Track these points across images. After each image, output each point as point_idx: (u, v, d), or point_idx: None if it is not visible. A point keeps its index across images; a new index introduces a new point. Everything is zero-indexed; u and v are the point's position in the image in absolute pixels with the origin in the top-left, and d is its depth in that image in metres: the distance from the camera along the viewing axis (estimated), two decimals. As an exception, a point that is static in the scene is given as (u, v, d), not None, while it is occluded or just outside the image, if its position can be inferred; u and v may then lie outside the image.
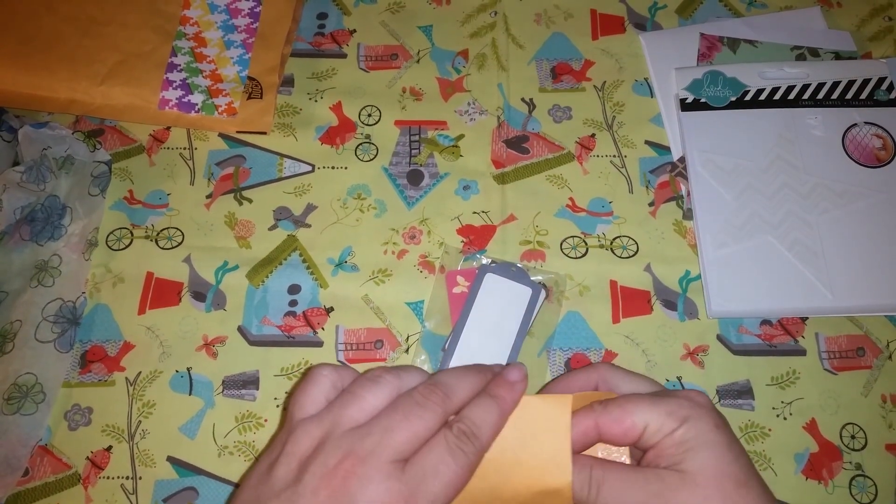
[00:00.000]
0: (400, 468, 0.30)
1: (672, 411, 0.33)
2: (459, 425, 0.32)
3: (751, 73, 0.57)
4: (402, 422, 0.31)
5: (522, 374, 0.34)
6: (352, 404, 0.32)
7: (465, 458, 0.31)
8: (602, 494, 0.32)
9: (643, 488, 0.32)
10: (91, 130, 0.58)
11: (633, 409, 0.33)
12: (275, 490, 0.30)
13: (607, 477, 0.32)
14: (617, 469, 0.33)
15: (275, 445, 0.32)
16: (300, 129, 0.58)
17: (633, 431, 0.33)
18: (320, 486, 0.29)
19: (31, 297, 0.49)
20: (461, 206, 0.55)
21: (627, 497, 0.32)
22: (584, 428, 0.34)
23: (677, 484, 0.31)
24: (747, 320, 0.51)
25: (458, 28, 0.62)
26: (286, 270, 0.53)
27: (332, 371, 0.34)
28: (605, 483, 0.32)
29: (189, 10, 0.59)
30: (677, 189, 0.55)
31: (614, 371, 0.36)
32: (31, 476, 0.47)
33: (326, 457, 0.30)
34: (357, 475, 0.29)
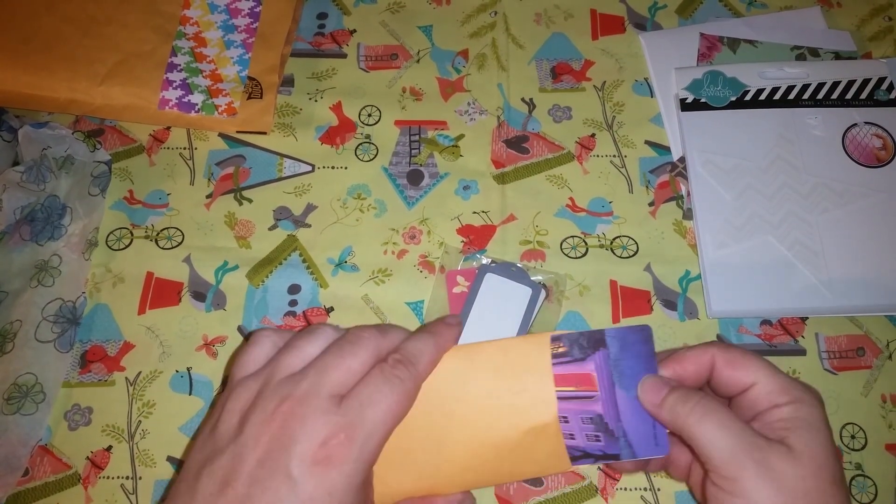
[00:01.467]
0: (337, 402, 0.30)
1: (787, 387, 0.33)
2: (394, 355, 0.33)
3: (751, 73, 0.57)
4: (335, 360, 0.32)
5: (457, 321, 0.36)
6: (289, 355, 0.33)
7: (401, 384, 0.31)
8: (709, 419, 0.31)
9: (749, 436, 0.31)
10: (91, 130, 0.58)
11: (750, 362, 0.33)
12: (219, 446, 0.31)
13: (715, 408, 0.32)
14: (727, 409, 0.32)
15: (216, 407, 0.33)
16: (300, 129, 0.58)
17: (742, 381, 0.33)
18: (261, 433, 0.30)
19: (31, 297, 0.49)
20: (461, 205, 0.55)
21: (728, 436, 0.31)
22: (699, 360, 0.34)
23: (782, 452, 0.31)
24: (747, 320, 0.51)
25: (458, 28, 0.62)
26: (286, 270, 0.53)
27: (273, 333, 0.35)
28: (712, 413, 0.31)
29: (189, 10, 0.59)
30: (677, 189, 0.55)
31: (731, 347, 0.35)
32: (31, 476, 0.47)
33: (265, 403, 0.31)
34: (295, 415, 0.30)
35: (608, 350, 0.34)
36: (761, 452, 0.30)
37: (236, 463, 0.30)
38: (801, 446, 0.31)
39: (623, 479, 0.46)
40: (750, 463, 0.30)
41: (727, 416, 0.32)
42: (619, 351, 0.34)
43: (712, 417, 0.31)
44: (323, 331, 0.34)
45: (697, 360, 0.34)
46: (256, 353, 0.34)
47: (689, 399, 0.32)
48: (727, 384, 0.34)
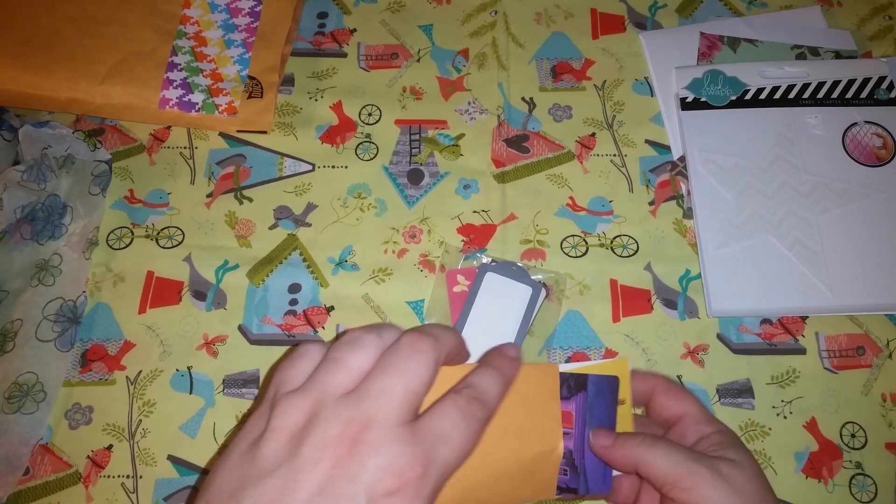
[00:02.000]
0: (411, 430, 0.28)
1: (711, 418, 0.38)
2: (469, 391, 0.30)
3: (751, 72, 0.57)
4: (397, 380, 0.29)
5: (518, 353, 0.34)
6: (337, 371, 0.30)
7: (476, 423, 0.30)
8: (654, 448, 0.34)
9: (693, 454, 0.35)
10: (91, 130, 0.58)
11: (684, 395, 0.39)
12: (265, 467, 0.28)
13: (658, 438, 0.35)
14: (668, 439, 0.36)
15: (254, 423, 0.29)
16: (300, 129, 0.58)
17: (676, 408, 0.38)
18: (322, 457, 0.27)
19: (32, 297, 0.49)
20: (461, 205, 0.55)
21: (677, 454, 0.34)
22: (644, 383, 0.39)
23: (724, 462, 0.34)
24: (747, 319, 0.51)
25: (459, 27, 0.62)
26: (286, 269, 0.53)
27: (321, 346, 0.32)
28: (658, 441, 0.35)
29: (189, 10, 0.59)
30: (677, 188, 0.55)
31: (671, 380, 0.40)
32: (32, 475, 0.47)
33: (325, 427, 0.28)
34: (366, 442, 0.27)
35: (587, 393, 0.36)
36: (710, 462, 0.34)
37: (290, 488, 0.27)
38: (739, 458, 0.35)
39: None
40: (703, 469, 0.33)
41: (670, 442, 0.35)
42: (594, 395, 0.36)
43: (659, 444, 0.35)
44: (367, 341, 0.31)
45: (643, 382, 0.39)
46: (304, 366, 0.31)
47: (635, 436, 0.35)
48: (662, 409, 0.39)
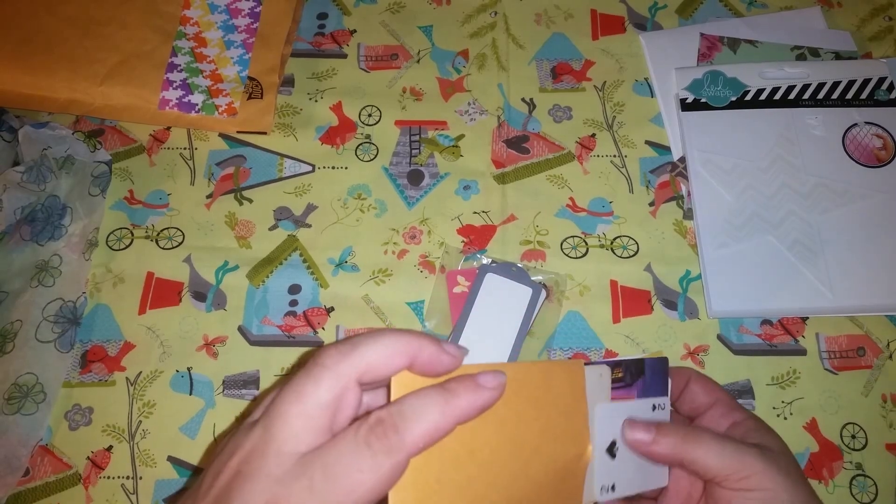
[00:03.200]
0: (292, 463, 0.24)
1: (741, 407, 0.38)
2: (380, 413, 0.25)
3: (751, 72, 0.57)
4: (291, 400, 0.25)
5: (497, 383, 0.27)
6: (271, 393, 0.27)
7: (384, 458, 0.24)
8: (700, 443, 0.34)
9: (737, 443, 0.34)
10: (91, 130, 0.58)
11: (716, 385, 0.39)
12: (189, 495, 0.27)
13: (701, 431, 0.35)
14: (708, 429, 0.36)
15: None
16: (300, 129, 0.58)
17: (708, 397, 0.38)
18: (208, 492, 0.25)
19: (32, 297, 0.49)
20: (461, 206, 0.55)
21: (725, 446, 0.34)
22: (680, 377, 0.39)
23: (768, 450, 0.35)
24: (748, 320, 0.51)
25: (459, 28, 0.62)
26: (286, 270, 0.53)
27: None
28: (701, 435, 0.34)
29: (189, 10, 0.59)
30: (677, 189, 0.55)
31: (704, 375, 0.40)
32: (32, 476, 0.47)
33: (222, 456, 0.26)
34: (243, 473, 0.25)
35: (645, 377, 0.36)
36: (756, 449, 0.34)
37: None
38: (776, 445, 0.35)
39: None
40: (753, 458, 0.33)
41: (712, 433, 0.35)
42: (650, 378, 0.36)
43: (704, 438, 0.34)
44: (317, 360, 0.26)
45: (677, 374, 0.39)
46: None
47: (677, 429, 0.35)
48: (694, 397, 0.39)
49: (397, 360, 0.26)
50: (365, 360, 0.25)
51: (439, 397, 0.25)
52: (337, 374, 0.25)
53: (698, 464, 0.34)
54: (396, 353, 0.26)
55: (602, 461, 0.34)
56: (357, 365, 0.25)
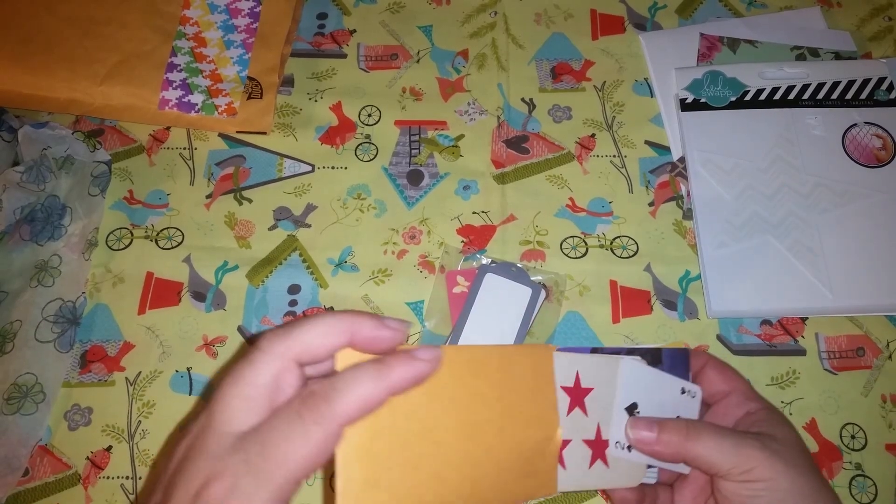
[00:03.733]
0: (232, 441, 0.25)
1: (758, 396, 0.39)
2: (313, 386, 0.26)
3: (751, 73, 0.57)
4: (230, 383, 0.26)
5: (433, 355, 0.28)
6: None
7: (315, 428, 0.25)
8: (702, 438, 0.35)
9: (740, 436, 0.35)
10: (91, 130, 0.58)
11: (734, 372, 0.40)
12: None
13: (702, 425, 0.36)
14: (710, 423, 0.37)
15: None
16: (300, 129, 0.58)
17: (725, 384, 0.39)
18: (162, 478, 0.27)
19: (31, 297, 0.49)
20: (461, 206, 0.55)
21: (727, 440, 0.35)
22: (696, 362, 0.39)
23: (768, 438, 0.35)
24: (747, 320, 0.51)
25: (458, 28, 0.62)
26: (286, 270, 0.53)
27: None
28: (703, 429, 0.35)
29: (189, 10, 0.59)
30: (677, 189, 0.55)
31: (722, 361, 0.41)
32: (31, 476, 0.47)
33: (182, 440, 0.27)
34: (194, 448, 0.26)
35: (662, 366, 0.38)
36: (760, 441, 0.35)
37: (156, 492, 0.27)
38: (785, 435, 0.36)
39: None
40: (754, 450, 0.34)
41: (715, 427, 0.36)
42: (669, 369, 0.38)
43: (706, 432, 0.35)
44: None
45: (695, 358, 0.40)
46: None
47: (678, 426, 0.36)
48: (712, 384, 0.39)
49: (334, 338, 0.27)
50: (300, 340, 0.26)
51: (372, 369, 0.26)
52: (273, 355, 0.26)
53: (700, 460, 0.35)
54: (333, 332, 0.27)
55: (619, 418, 0.36)
56: (292, 346, 0.26)
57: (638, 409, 0.37)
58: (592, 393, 0.35)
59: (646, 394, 0.37)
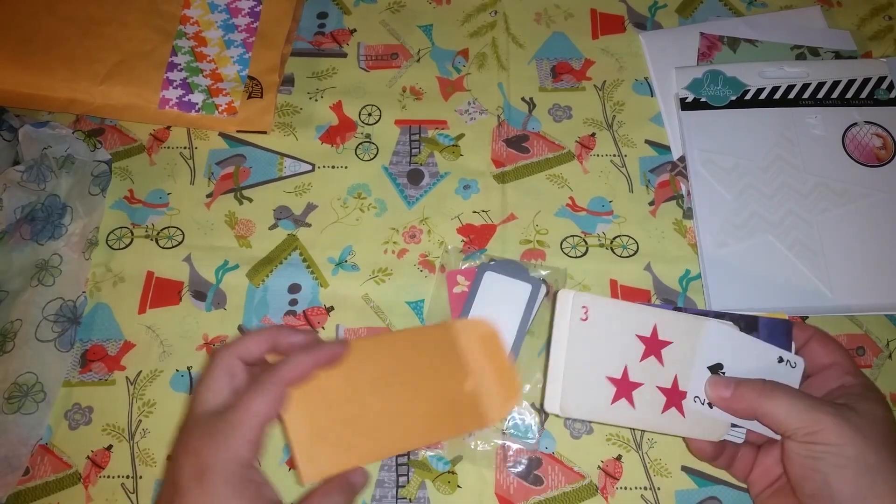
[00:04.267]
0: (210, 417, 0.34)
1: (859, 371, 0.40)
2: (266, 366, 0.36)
3: (751, 72, 0.57)
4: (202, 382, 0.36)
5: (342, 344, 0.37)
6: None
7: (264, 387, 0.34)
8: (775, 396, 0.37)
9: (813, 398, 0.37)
10: (91, 130, 0.58)
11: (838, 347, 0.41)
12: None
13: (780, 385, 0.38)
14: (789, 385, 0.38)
15: None
16: (300, 129, 0.58)
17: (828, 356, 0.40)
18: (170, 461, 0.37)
19: (32, 297, 0.49)
20: (461, 205, 0.55)
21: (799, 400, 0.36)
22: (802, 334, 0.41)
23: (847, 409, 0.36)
24: (747, 319, 0.51)
25: (459, 27, 0.62)
26: (286, 269, 0.53)
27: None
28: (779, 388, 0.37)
29: (189, 10, 0.59)
30: (677, 188, 0.55)
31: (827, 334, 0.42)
32: (32, 475, 0.47)
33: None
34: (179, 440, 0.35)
35: (759, 334, 0.41)
36: (833, 407, 0.36)
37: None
38: (869, 409, 0.36)
39: (623, 479, 0.46)
40: (825, 415, 0.35)
41: (792, 390, 0.37)
42: (766, 338, 0.41)
43: (780, 391, 0.37)
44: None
45: (801, 330, 0.42)
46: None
47: (755, 384, 0.38)
48: (815, 356, 0.41)
49: (262, 343, 0.37)
50: (240, 346, 0.36)
51: (302, 351, 0.36)
52: (222, 357, 0.36)
53: (769, 417, 0.37)
54: (261, 338, 0.37)
55: (700, 374, 0.40)
56: (234, 350, 0.36)
57: (723, 369, 0.39)
58: (671, 346, 0.40)
59: (734, 357, 0.40)
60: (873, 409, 0.37)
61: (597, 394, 0.39)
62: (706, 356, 0.40)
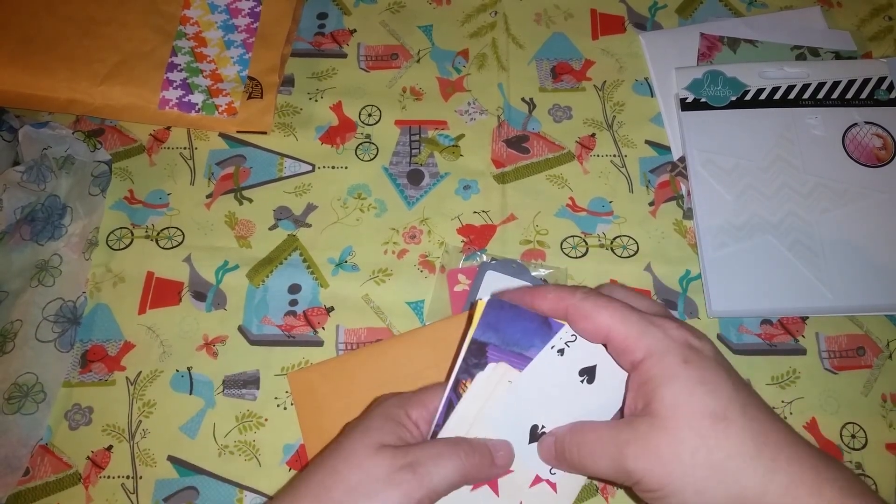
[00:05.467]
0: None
1: (639, 336, 0.32)
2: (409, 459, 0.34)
3: (751, 72, 0.57)
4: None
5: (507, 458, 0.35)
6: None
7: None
8: (583, 454, 0.33)
9: (614, 439, 0.32)
10: (91, 130, 0.58)
11: (599, 313, 0.33)
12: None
13: (584, 439, 0.33)
14: (591, 428, 0.34)
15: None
16: (300, 129, 0.58)
17: (596, 335, 0.34)
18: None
19: (32, 297, 0.49)
20: (461, 205, 0.55)
21: (603, 452, 0.32)
22: (556, 305, 0.35)
23: (647, 429, 0.31)
24: (747, 320, 0.51)
25: (459, 28, 0.62)
26: (286, 270, 0.53)
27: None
28: (583, 444, 0.33)
29: (189, 10, 0.59)
30: (677, 189, 0.55)
31: (591, 296, 0.34)
32: (32, 476, 0.47)
33: None
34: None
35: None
36: (634, 445, 0.31)
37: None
38: (662, 409, 0.31)
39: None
40: (631, 464, 0.31)
41: (592, 435, 0.33)
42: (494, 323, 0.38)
43: (584, 448, 0.33)
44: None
45: (555, 303, 0.35)
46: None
47: (563, 440, 0.34)
48: (584, 336, 0.35)
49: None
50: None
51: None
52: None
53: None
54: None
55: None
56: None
57: (542, 428, 0.36)
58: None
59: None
60: (671, 397, 0.31)
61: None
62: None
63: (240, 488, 0.46)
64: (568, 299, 0.35)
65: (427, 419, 0.37)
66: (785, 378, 0.49)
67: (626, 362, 0.34)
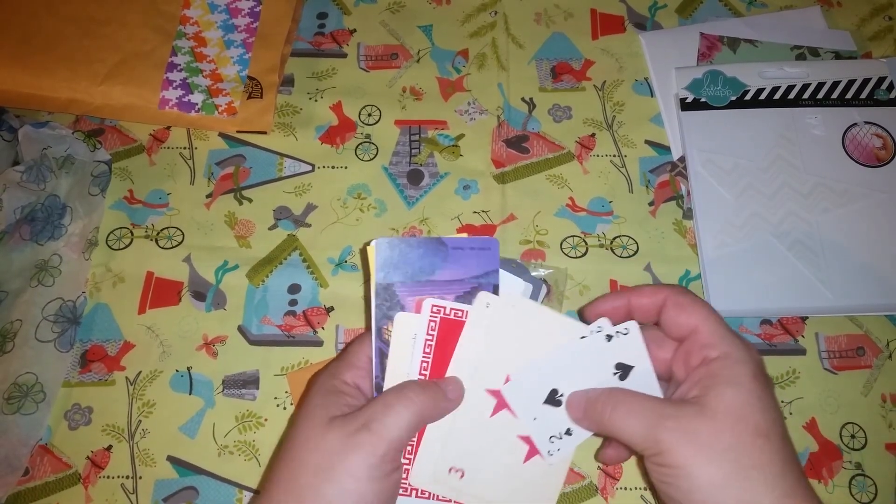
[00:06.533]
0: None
1: (721, 339, 0.35)
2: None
3: (751, 72, 0.57)
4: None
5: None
6: None
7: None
8: (617, 413, 0.34)
9: (655, 409, 0.34)
10: (91, 130, 0.58)
11: (695, 308, 0.36)
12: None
13: (623, 400, 0.35)
14: (632, 395, 0.35)
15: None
16: (300, 129, 0.58)
17: (685, 325, 0.36)
18: None
19: (32, 297, 0.49)
20: (461, 205, 0.55)
21: (641, 415, 0.34)
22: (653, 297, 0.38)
23: (693, 413, 0.33)
24: (747, 320, 0.51)
25: (458, 28, 0.62)
26: (286, 270, 0.53)
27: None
28: (621, 403, 0.35)
29: (189, 10, 0.59)
30: (677, 188, 0.55)
31: (685, 291, 0.38)
32: (32, 475, 0.47)
33: None
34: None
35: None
36: (674, 420, 0.33)
37: None
38: (716, 403, 0.33)
39: (623, 479, 0.46)
40: (664, 434, 0.33)
41: (633, 399, 0.35)
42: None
43: (620, 408, 0.35)
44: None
45: (652, 295, 0.38)
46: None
47: (598, 398, 0.36)
48: (672, 326, 0.37)
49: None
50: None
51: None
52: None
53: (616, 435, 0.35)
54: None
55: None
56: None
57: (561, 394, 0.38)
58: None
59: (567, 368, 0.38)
60: (730, 397, 0.33)
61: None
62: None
63: (239, 488, 0.46)
64: (665, 291, 0.38)
65: (364, 377, 0.38)
66: (785, 378, 0.49)
67: (698, 357, 0.35)
